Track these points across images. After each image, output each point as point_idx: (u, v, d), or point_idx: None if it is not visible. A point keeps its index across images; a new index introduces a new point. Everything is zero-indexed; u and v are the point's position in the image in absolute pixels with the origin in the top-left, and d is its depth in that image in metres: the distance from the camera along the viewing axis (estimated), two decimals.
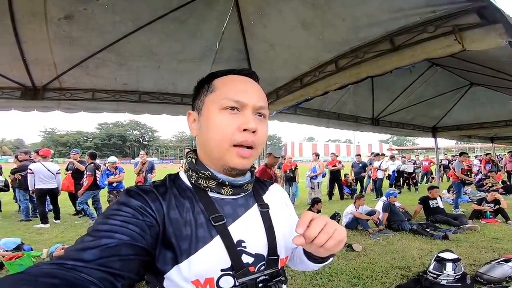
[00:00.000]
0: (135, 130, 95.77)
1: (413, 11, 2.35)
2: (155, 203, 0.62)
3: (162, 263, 0.60)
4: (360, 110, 6.48)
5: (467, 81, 6.06)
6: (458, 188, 7.54)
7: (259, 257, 0.68)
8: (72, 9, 2.45)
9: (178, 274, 0.60)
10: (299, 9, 2.68)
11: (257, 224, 0.71)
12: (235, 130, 0.65)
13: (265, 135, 0.71)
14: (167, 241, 0.60)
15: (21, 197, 6.77)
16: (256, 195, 0.77)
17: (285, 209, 0.84)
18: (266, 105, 0.73)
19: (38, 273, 0.42)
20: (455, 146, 42.73)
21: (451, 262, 3.14)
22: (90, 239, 0.51)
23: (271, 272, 0.68)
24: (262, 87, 0.75)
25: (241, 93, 0.67)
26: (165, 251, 0.60)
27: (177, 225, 0.62)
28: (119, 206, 0.58)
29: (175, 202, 0.65)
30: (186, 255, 0.60)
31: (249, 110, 0.67)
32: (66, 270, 0.44)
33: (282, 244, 0.73)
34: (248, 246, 0.67)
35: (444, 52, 2.41)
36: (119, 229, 0.53)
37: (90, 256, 0.48)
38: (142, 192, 0.62)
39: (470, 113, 7.51)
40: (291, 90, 4.09)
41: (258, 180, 0.84)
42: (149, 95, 4.24)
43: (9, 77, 3.37)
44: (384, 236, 5.14)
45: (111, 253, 0.50)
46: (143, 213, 0.59)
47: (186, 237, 0.61)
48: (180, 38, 3.19)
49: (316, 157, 9.52)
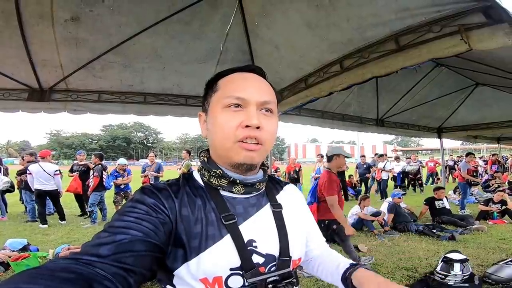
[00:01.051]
0: (139, 132, 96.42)
1: (418, 10, 2.33)
2: (168, 201, 0.62)
3: (172, 260, 0.60)
4: (364, 111, 6.44)
5: (473, 81, 6.01)
6: (464, 189, 7.47)
7: (270, 258, 0.67)
8: (78, 11, 2.48)
9: (187, 272, 0.60)
10: (303, 9, 2.67)
11: (269, 223, 0.71)
12: (237, 127, 0.65)
13: (273, 131, 0.70)
14: (178, 238, 0.61)
15: (27, 198, 6.84)
16: (269, 194, 0.76)
17: (300, 210, 0.83)
18: (273, 99, 0.71)
19: (55, 267, 0.43)
20: (461, 147, 42.38)
21: (459, 262, 3.11)
22: (105, 235, 0.52)
23: (282, 273, 0.67)
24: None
25: (243, 90, 0.67)
26: (176, 248, 0.60)
27: (188, 223, 0.62)
28: (134, 204, 0.59)
29: (187, 200, 0.66)
30: (196, 253, 0.60)
31: (253, 106, 0.66)
32: (81, 265, 0.45)
33: (295, 245, 0.72)
34: (259, 246, 0.66)
35: (451, 52, 2.38)
36: (133, 225, 0.54)
37: (105, 251, 0.49)
38: (156, 190, 0.63)
39: (476, 114, 7.42)
40: (296, 91, 4.08)
41: (272, 180, 0.83)
42: (154, 96, 4.26)
43: (16, 78, 3.40)
44: (389, 237, 5.10)
45: (125, 249, 0.50)
46: (156, 210, 0.59)
47: (196, 235, 0.62)
48: (184, 39, 3.21)
49: (321, 158, 9.49)
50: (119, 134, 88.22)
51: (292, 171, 9.06)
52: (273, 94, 0.73)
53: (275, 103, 0.72)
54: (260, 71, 0.75)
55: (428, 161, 14.45)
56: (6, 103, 3.67)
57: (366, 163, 10.77)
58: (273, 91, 0.74)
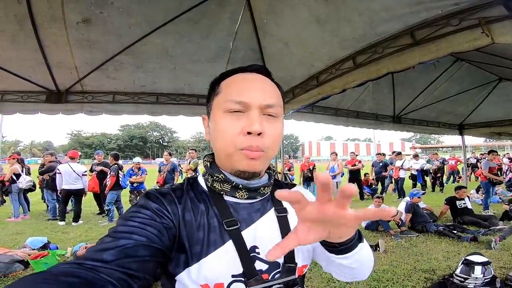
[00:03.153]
0: (155, 131, 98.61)
1: (434, 4, 2.24)
2: (171, 206, 0.62)
3: (174, 265, 0.60)
4: (380, 108, 6.29)
5: (496, 76, 5.74)
6: (487, 188, 7.15)
7: (274, 264, 0.65)
8: (89, 13, 2.53)
9: (188, 277, 0.59)
10: (312, 5, 2.61)
11: (273, 229, 0.68)
12: (239, 134, 0.62)
13: (277, 136, 0.66)
14: (181, 243, 0.60)
15: (49, 197, 7.10)
16: (274, 199, 0.73)
17: None
18: (278, 102, 0.67)
19: (59, 272, 0.43)
20: (483, 144, 40.73)
21: (480, 265, 2.97)
22: (109, 240, 0.52)
23: (287, 281, 0.65)
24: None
25: (244, 93, 0.63)
26: (178, 253, 0.60)
27: (190, 228, 0.62)
28: (138, 209, 0.59)
29: (190, 205, 0.65)
30: (197, 258, 0.59)
31: (255, 111, 0.62)
32: (85, 269, 0.45)
33: (301, 251, 0.69)
34: (262, 253, 0.64)
35: (472, 45, 2.28)
36: (137, 230, 0.54)
37: (109, 256, 0.49)
38: (160, 195, 0.63)
39: (500, 110, 7.11)
40: (307, 89, 4.02)
41: (278, 183, 0.80)
42: (166, 96, 4.33)
43: (34, 81, 3.54)
44: (406, 238, 4.94)
45: (128, 254, 0.50)
46: (160, 215, 0.59)
47: (198, 241, 0.61)
48: (194, 39, 3.22)
49: (335, 157, 9.34)
50: (136, 133, 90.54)
51: (306, 169, 8.96)
52: (279, 96, 0.69)
53: (280, 106, 0.67)
54: (265, 70, 0.71)
55: (449, 159, 13.93)
56: (25, 105, 3.83)
57: (383, 161, 10.49)
58: (278, 92, 0.70)
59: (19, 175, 6.95)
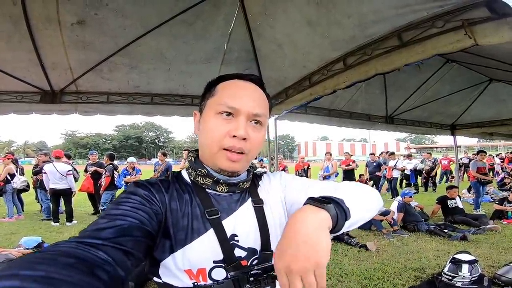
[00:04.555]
0: (150, 131, 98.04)
1: (420, 6, 2.30)
2: (159, 194, 0.67)
3: (160, 251, 0.64)
4: (373, 108, 6.36)
5: (486, 77, 5.82)
6: (476, 188, 7.27)
7: (252, 251, 0.70)
8: (84, 14, 2.56)
9: (173, 262, 0.64)
10: (303, 7, 2.67)
11: (251, 219, 0.73)
12: (225, 135, 0.68)
13: (260, 142, 0.73)
14: (167, 230, 0.64)
15: (43, 197, 7.09)
16: (252, 190, 0.79)
17: (279, 196, 0.81)
18: (265, 112, 0.73)
19: (57, 252, 0.44)
20: (477, 144, 41.14)
21: (467, 263, 3.03)
22: (104, 221, 0.55)
23: (264, 267, 0.70)
24: (271, 87, 0.77)
25: (237, 99, 0.69)
26: (164, 239, 0.64)
27: (176, 216, 0.66)
28: (128, 195, 0.63)
29: (176, 195, 0.70)
30: (181, 245, 0.64)
31: (243, 117, 0.68)
32: (83, 248, 0.46)
33: (276, 239, 0.73)
34: (240, 240, 0.69)
35: (455, 47, 2.33)
36: (130, 213, 0.58)
37: (107, 234, 0.51)
38: (148, 184, 0.68)
39: (491, 110, 7.18)
40: (300, 89, 4.07)
41: (255, 176, 0.85)
42: (161, 97, 4.35)
43: (29, 81, 3.54)
44: (398, 237, 5.02)
45: (125, 233, 0.53)
46: (149, 201, 0.63)
47: (183, 228, 0.65)
48: (188, 40, 3.25)
49: (329, 157, 9.41)
50: (131, 133, 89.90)
51: (301, 169, 9.04)
52: (266, 106, 0.75)
53: (266, 116, 0.74)
54: (259, 81, 0.77)
55: (442, 159, 14.08)
56: (19, 106, 3.82)
57: (376, 161, 10.60)
58: (267, 103, 0.76)
59: (14, 175, 6.92)
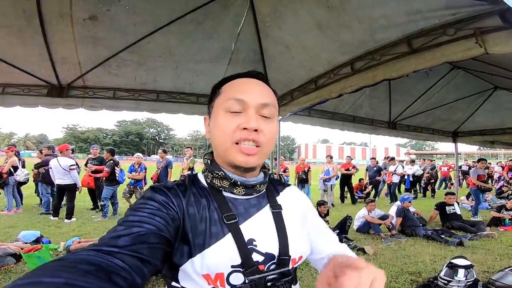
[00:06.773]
0: (151, 128, 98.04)
1: (432, 13, 2.31)
2: (176, 199, 0.67)
3: (179, 256, 0.64)
4: (376, 113, 6.37)
5: (491, 85, 5.84)
6: (476, 195, 7.31)
7: (270, 256, 0.70)
8: (96, 10, 2.58)
9: (191, 268, 0.63)
10: (314, 10, 2.68)
11: (269, 224, 0.74)
12: (236, 129, 0.68)
13: (273, 134, 0.73)
14: (185, 235, 0.65)
15: (43, 190, 7.01)
16: (269, 196, 0.80)
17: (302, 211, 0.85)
18: (273, 102, 0.73)
19: (77, 259, 0.45)
20: (477, 152, 41.12)
21: (463, 268, 3.07)
22: (122, 228, 0.56)
23: (282, 272, 0.70)
24: (277, 89, 0.77)
25: (243, 93, 0.70)
26: (182, 244, 0.64)
27: (194, 221, 0.66)
28: (145, 201, 0.63)
29: (193, 199, 0.70)
30: (199, 249, 0.64)
31: (252, 109, 0.69)
32: (101, 256, 0.48)
33: (294, 244, 0.74)
34: (258, 245, 0.69)
35: (466, 55, 2.35)
36: (147, 219, 0.58)
37: (123, 242, 0.52)
38: (166, 189, 0.68)
39: (494, 118, 7.19)
40: (306, 92, 4.09)
41: (273, 182, 0.87)
42: (167, 94, 4.36)
43: (37, 75, 3.56)
44: (396, 241, 5.04)
45: (141, 240, 0.54)
46: (167, 207, 0.64)
47: (201, 233, 0.66)
48: (197, 39, 3.27)
49: (330, 160, 9.42)
50: (132, 129, 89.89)
51: (301, 171, 9.05)
52: (274, 97, 0.76)
53: (275, 107, 0.74)
54: (262, 76, 0.78)
55: (442, 166, 14.10)
56: (26, 99, 3.84)
57: (376, 166, 10.61)
58: (274, 95, 0.77)
59: (17, 168, 6.90)
